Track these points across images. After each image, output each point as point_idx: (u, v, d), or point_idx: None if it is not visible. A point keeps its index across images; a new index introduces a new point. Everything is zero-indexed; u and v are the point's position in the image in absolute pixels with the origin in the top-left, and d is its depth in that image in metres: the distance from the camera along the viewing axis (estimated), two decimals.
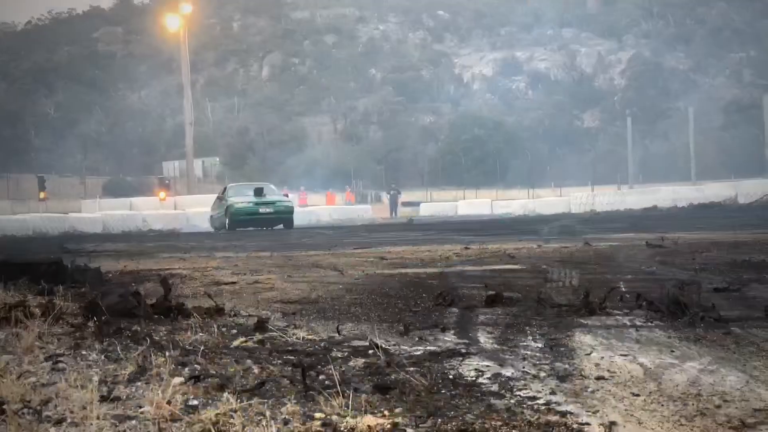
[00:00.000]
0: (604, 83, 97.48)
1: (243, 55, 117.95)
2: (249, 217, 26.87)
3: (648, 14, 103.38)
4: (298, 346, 3.90)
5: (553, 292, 5.81)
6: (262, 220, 27.08)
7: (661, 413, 2.68)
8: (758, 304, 4.85)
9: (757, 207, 26.15)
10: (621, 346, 3.76)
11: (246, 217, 26.89)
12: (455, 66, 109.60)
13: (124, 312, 4.72)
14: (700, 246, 10.20)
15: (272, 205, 27.28)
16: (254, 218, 26.96)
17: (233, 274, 8.46)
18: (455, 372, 3.31)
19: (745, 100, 74.21)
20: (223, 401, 2.77)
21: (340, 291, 6.42)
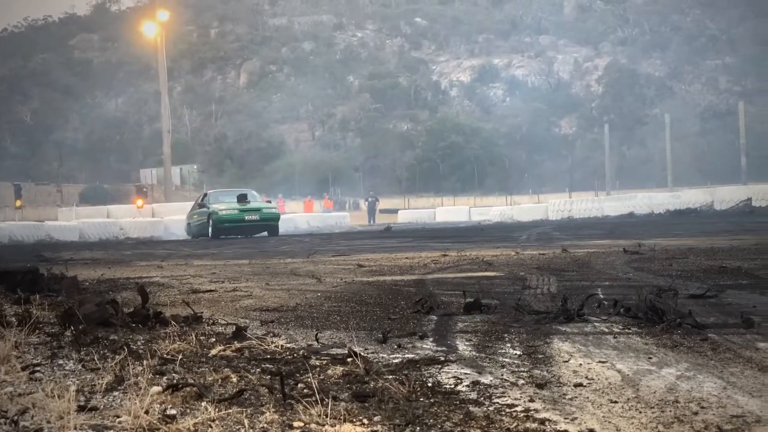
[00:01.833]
0: (581, 90, 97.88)
1: (220, 62, 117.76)
2: (234, 224, 26.22)
3: (624, 21, 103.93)
4: (277, 354, 3.90)
5: (531, 299, 5.83)
6: (247, 227, 26.48)
7: (639, 420, 2.69)
8: (735, 311, 4.88)
9: (733, 213, 26.31)
10: (599, 353, 3.78)
11: (231, 225, 26.22)
12: (433, 73, 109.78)
13: (101, 321, 4.70)
14: (677, 252, 10.25)
15: (258, 212, 26.60)
16: (239, 226, 26.32)
17: (211, 282, 8.44)
18: (434, 380, 3.31)
19: (720, 106, 74.70)
20: (201, 410, 2.76)
21: (318, 299, 6.41)
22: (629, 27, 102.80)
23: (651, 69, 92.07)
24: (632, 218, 29.58)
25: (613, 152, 47.64)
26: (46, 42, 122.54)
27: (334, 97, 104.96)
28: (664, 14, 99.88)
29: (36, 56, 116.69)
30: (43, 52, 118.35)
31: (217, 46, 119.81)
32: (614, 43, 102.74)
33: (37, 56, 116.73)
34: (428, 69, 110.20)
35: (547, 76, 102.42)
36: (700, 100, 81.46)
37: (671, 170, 36.31)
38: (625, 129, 72.52)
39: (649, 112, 77.99)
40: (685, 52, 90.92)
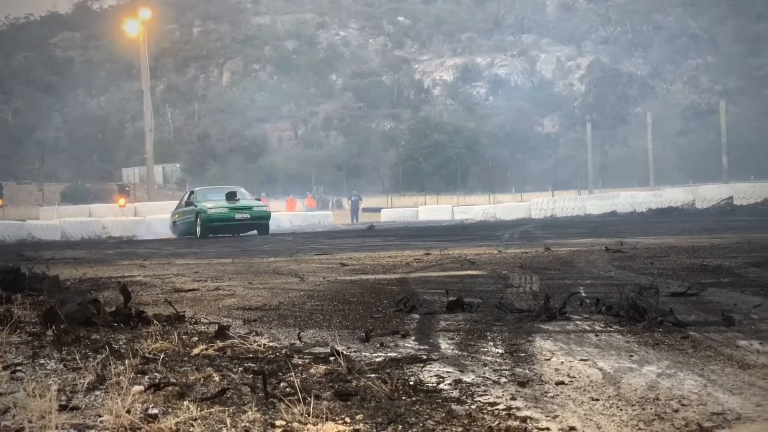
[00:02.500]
0: (563, 89, 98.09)
1: (203, 60, 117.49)
2: (223, 223, 25.58)
3: (606, 20, 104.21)
4: (260, 353, 3.90)
5: (513, 298, 5.84)
6: (237, 226, 25.89)
7: (620, 417, 2.70)
8: (715, 309, 4.91)
9: (715, 211, 26.42)
10: (580, 351, 3.79)
11: (220, 224, 25.56)
12: (415, 72, 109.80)
13: (83, 320, 4.69)
14: (659, 251, 10.29)
15: (248, 210, 25.82)
16: (229, 224, 25.72)
17: (194, 281, 8.43)
18: (416, 378, 3.32)
19: (702, 105, 75.00)
20: (183, 409, 2.76)
21: (301, 297, 6.41)
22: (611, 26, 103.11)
23: (633, 68, 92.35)
24: (615, 217, 29.65)
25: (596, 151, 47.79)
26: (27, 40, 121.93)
27: (317, 95, 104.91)
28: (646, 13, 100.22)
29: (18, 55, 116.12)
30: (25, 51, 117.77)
31: (200, 45, 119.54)
32: (596, 42, 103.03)
33: (18, 55, 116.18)
34: (411, 68, 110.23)
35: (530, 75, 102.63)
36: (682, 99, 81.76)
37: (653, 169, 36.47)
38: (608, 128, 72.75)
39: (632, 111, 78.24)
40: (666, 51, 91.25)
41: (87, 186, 72.03)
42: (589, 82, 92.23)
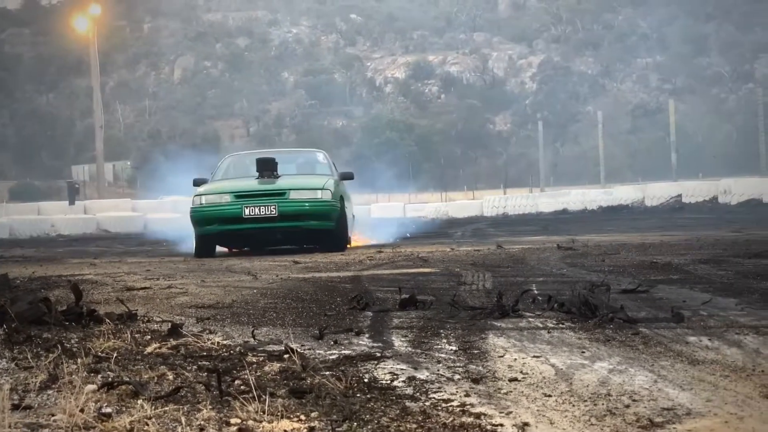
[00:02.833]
0: (515, 87, 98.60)
1: (154, 57, 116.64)
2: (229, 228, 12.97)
3: (557, 19, 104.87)
4: (213, 351, 3.89)
5: (466, 295, 5.87)
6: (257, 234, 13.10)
7: (572, 413, 2.73)
8: (665, 305, 4.97)
9: (664, 209, 26.70)
10: (533, 348, 3.82)
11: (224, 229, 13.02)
12: (368, 69, 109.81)
13: (34, 319, 4.64)
14: (609, 248, 10.40)
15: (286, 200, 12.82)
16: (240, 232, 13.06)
17: (145, 279, 8.37)
18: (370, 375, 3.33)
19: (651, 104, 75.77)
20: (137, 408, 2.75)
21: (254, 295, 6.40)
22: (562, 25, 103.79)
23: (584, 67, 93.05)
24: (566, 214, 29.88)
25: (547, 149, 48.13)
26: None
27: (269, 93, 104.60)
28: (597, 13, 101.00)
29: None
30: None
31: (151, 41, 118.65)
32: (548, 40, 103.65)
33: None
34: (363, 65, 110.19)
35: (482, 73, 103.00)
36: (632, 98, 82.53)
37: (604, 167, 36.77)
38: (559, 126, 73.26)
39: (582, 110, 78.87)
40: (616, 50, 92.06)
41: (36, 184, 71.25)
42: (541, 80, 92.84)
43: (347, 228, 13.50)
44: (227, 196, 12.96)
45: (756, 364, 3.36)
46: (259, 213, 12.60)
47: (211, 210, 12.86)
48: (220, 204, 12.90)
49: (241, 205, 12.65)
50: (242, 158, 15.77)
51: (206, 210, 12.90)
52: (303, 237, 13.53)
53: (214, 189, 13.43)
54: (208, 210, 12.88)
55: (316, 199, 12.85)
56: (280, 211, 12.59)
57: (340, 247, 13.00)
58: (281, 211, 12.60)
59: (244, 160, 15.29)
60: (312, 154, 16.56)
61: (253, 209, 12.60)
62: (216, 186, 13.67)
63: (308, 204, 12.79)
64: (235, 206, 12.72)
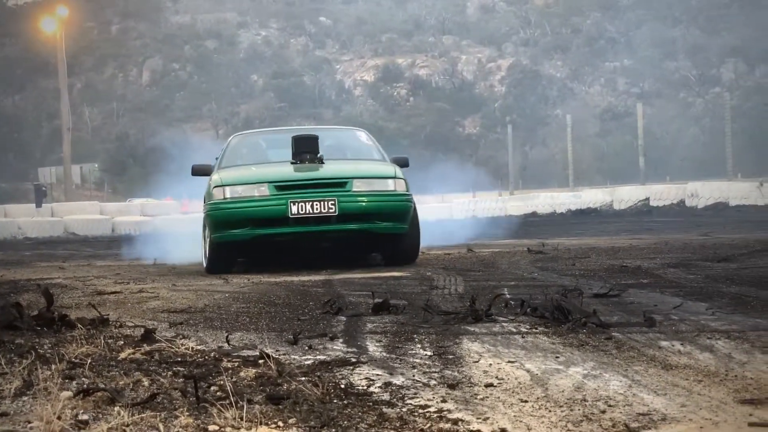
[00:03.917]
0: (484, 90, 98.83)
1: (122, 59, 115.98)
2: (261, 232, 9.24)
3: (526, 23, 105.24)
4: (188, 356, 3.88)
5: (439, 300, 5.89)
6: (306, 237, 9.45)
7: (549, 419, 2.75)
8: (637, 309, 5.01)
9: (632, 212, 26.85)
10: (508, 353, 3.84)
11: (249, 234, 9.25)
12: (337, 72, 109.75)
13: (5, 324, 4.61)
14: (580, 252, 10.45)
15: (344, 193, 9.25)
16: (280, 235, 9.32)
17: (116, 283, 8.34)
18: (346, 381, 3.33)
19: (619, 107, 76.18)
20: (114, 415, 2.74)
21: (226, 300, 6.39)
22: (531, 28, 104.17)
23: (552, 70, 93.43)
24: (535, 218, 29.97)
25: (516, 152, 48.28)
26: None
27: (238, 95, 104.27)
28: (565, 16, 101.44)
29: None
30: None
31: (119, 43, 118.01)
32: (517, 44, 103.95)
33: None
34: (332, 68, 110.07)
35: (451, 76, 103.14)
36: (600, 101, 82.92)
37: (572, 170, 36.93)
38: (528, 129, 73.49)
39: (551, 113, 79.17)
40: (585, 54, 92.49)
41: (2, 186, 70.65)
42: (510, 83, 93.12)
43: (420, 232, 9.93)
44: (264, 188, 9.18)
45: (729, 369, 3.39)
46: (312, 211, 8.96)
47: (241, 207, 9.11)
48: (255, 199, 9.13)
49: (287, 200, 8.98)
50: (254, 138, 12.15)
51: (233, 207, 9.13)
52: (362, 244, 10.10)
53: (243, 177, 9.59)
54: (237, 207, 9.12)
55: (389, 191, 9.44)
56: (341, 208, 9.00)
57: (412, 258, 9.77)
58: (343, 208, 9.02)
59: (257, 142, 11.84)
60: (351, 132, 12.82)
61: (304, 205, 8.94)
62: (245, 173, 9.84)
63: (379, 198, 9.34)
64: (278, 201, 9.03)
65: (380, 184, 9.46)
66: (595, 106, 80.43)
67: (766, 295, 5.50)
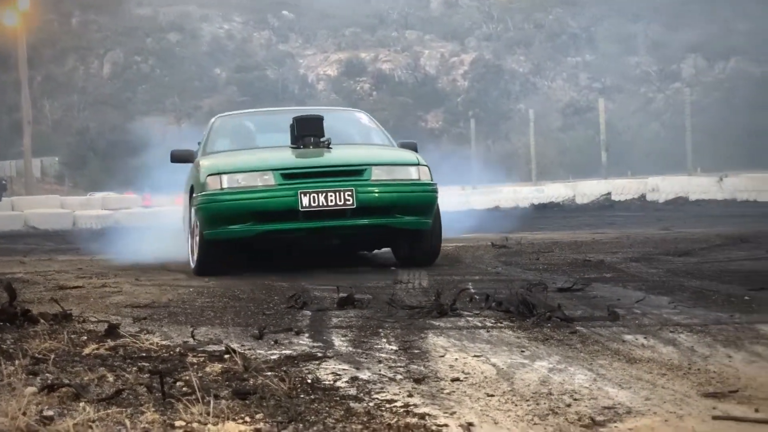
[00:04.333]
0: (447, 85, 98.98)
1: (83, 51, 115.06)
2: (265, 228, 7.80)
3: (489, 18, 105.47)
4: (153, 352, 3.86)
5: (403, 294, 5.90)
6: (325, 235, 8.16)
7: (516, 413, 2.77)
8: (601, 303, 5.04)
9: (594, 207, 26.97)
10: (473, 347, 3.85)
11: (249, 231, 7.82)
12: (300, 66, 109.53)
13: None
14: (543, 246, 10.49)
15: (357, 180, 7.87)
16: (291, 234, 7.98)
17: (78, 277, 8.28)
18: (313, 376, 3.33)
19: (581, 102, 76.57)
20: (79, 411, 2.72)
21: (191, 294, 6.36)
22: (494, 23, 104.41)
23: (515, 65, 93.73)
24: (498, 212, 30.02)
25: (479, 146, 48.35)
26: None
27: (201, 89, 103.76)
28: (528, 12, 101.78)
29: None
30: None
31: (80, 36, 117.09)
32: (479, 38, 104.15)
33: None
34: (295, 62, 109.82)
35: (414, 71, 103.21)
36: (562, 96, 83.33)
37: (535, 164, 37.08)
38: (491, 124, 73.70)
39: (514, 107, 79.45)
40: (547, 49, 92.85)
41: None
42: (472, 78, 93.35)
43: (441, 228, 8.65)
44: (269, 176, 7.81)
45: (691, 363, 3.42)
46: (326, 203, 7.63)
47: (242, 199, 7.74)
48: (259, 189, 7.76)
49: (296, 191, 7.65)
50: (240, 120, 10.73)
51: (232, 199, 7.76)
52: (378, 241, 9.02)
53: (244, 163, 8.19)
54: (237, 199, 7.75)
55: (412, 181, 8.13)
56: (359, 199, 7.70)
57: (432, 258, 8.48)
58: (361, 199, 7.72)
59: (244, 124, 10.49)
60: (350, 113, 11.70)
61: (316, 197, 7.63)
62: (245, 159, 8.45)
63: (402, 189, 8.01)
64: (287, 192, 7.69)
65: (402, 172, 8.14)
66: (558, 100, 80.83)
67: (727, 289, 5.55)
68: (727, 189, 22.65)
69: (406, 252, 8.60)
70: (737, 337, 3.90)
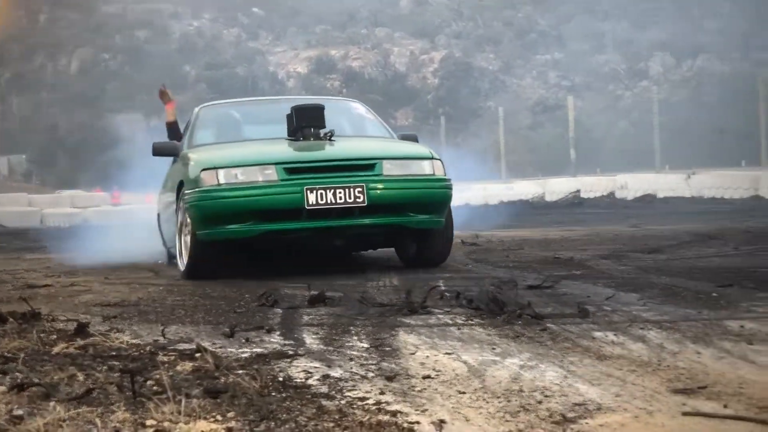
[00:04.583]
0: (417, 82, 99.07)
1: (51, 48, 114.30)
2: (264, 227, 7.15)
3: (458, 15, 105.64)
4: (123, 350, 3.84)
5: (374, 292, 5.90)
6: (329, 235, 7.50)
7: (487, 410, 2.78)
8: (570, 301, 5.07)
9: (563, 204, 27.10)
10: (444, 345, 3.86)
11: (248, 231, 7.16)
12: (270, 63, 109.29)
13: None
14: (513, 243, 10.53)
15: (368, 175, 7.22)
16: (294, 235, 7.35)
17: (46, 276, 8.24)
18: (285, 374, 3.33)
19: (550, 100, 76.83)
20: (50, 410, 2.71)
21: (161, 292, 6.34)
22: (463, 21, 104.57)
23: (485, 63, 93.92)
24: (468, 209, 30.08)
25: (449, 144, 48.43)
26: None
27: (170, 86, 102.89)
28: (497, 10, 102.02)
29: None
30: None
31: (48, 32, 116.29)
32: (449, 36, 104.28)
33: None
34: (265, 59, 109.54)
35: (384, 68, 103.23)
36: (531, 94, 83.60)
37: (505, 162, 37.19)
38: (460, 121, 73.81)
39: (484, 105, 79.62)
40: (516, 47, 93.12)
41: None
42: (442, 76, 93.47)
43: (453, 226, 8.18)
44: (272, 170, 7.11)
45: (661, 359, 3.45)
46: (335, 201, 6.97)
47: (242, 196, 7.05)
48: (260, 185, 7.07)
49: (302, 187, 6.99)
50: (226, 110, 9.95)
51: (231, 196, 7.06)
52: (383, 241, 8.37)
53: (242, 156, 7.49)
54: (236, 196, 7.05)
55: (426, 176, 7.55)
56: (370, 197, 7.05)
57: (441, 259, 7.95)
58: (372, 197, 7.07)
59: (230, 114, 9.72)
60: (345, 103, 10.71)
61: (324, 194, 6.96)
62: (242, 152, 7.82)
63: (416, 185, 7.43)
64: (292, 189, 7.02)
65: (416, 167, 7.52)
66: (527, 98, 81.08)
67: (696, 285, 5.59)
68: (694, 186, 22.82)
69: (413, 252, 7.99)
70: (706, 333, 3.92)
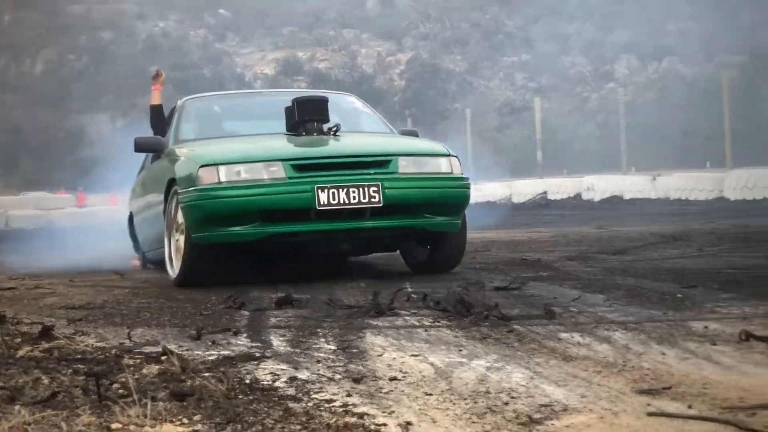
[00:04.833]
0: (384, 84, 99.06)
1: (15, 49, 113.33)
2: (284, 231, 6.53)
3: (425, 17, 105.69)
4: (88, 353, 3.82)
5: (341, 293, 5.90)
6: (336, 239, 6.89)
7: (454, 411, 2.78)
8: (537, 302, 5.08)
9: (530, 206, 27.19)
10: (411, 347, 3.87)
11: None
12: (237, 65, 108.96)
13: None
14: (480, 245, 10.54)
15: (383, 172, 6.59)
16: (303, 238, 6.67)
17: (10, 278, 8.18)
18: (251, 376, 3.32)
19: (517, 102, 77.01)
20: (15, 414, 2.69)
21: (126, 295, 6.31)
22: (431, 23, 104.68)
23: (452, 64, 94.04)
24: None
25: None
26: None
27: (136, 87, 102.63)
28: (464, 11, 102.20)
29: None
30: None
31: (12, 33, 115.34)
32: (416, 38, 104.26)
33: None
34: (232, 61, 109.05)
35: (351, 70, 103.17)
36: (499, 95, 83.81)
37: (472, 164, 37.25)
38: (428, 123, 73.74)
39: (451, 107, 79.69)
40: (483, 49, 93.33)
41: None
42: (409, 77, 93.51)
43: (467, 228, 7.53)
44: (278, 167, 6.47)
45: (626, 360, 3.47)
46: (348, 201, 6.36)
47: (247, 195, 6.41)
48: (266, 183, 6.44)
49: (313, 186, 6.36)
50: (211, 104, 9.18)
51: (235, 195, 6.42)
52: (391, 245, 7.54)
53: (245, 152, 6.88)
54: (241, 195, 6.41)
55: (444, 174, 6.95)
56: (385, 196, 6.45)
57: (454, 263, 7.42)
58: (388, 196, 6.47)
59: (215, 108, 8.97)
60: (341, 97, 9.46)
61: (336, 193, 6.35)
62: (245, 147, 7.22)
63: (434, 184, 6.84)
64: (302, 188, 6.40)
65: (432, 165, 6.94)
66: (494, 100, 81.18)
67: (661, 286, 5.62)
68: (660, 188, 22.95)
69: (424, 257, 7.40)
70: (670, 334, 3.95)
